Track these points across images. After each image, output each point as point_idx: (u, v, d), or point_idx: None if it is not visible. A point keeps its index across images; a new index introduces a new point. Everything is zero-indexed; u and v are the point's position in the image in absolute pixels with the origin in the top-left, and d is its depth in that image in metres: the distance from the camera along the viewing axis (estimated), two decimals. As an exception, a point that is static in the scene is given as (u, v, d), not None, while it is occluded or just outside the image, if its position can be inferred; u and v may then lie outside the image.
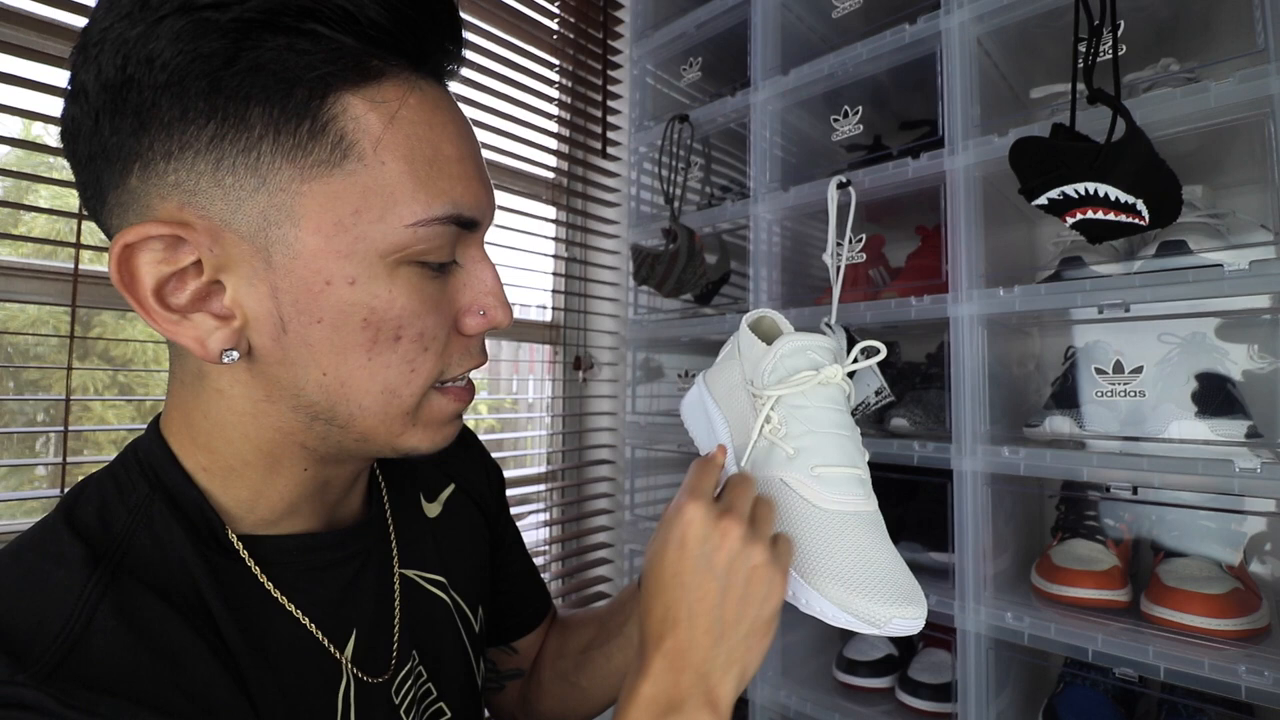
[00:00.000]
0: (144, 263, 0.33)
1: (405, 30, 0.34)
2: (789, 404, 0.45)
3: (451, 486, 0.56)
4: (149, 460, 0.38)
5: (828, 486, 0.44)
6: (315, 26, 0.32)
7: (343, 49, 0.33)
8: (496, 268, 0.42)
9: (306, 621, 0.39)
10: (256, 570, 0.38)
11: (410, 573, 0.48)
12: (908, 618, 0.40)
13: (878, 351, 0.46)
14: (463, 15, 0.38)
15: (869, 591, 0.41)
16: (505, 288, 0.42)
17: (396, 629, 0.44)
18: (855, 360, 0.46)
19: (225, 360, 0.35)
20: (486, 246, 0.41)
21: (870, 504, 0.45)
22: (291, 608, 0.39)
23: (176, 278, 0.34)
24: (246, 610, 0.37)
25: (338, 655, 0.40)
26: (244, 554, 0.38)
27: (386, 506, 0.48)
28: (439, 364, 0.39)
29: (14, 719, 0.28)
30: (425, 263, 0.36)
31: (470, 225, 0.38)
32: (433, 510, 0.53)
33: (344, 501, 0.44)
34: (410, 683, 0.44)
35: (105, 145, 0.33)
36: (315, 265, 0.34)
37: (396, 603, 0.45)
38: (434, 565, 0.50)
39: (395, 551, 0.47)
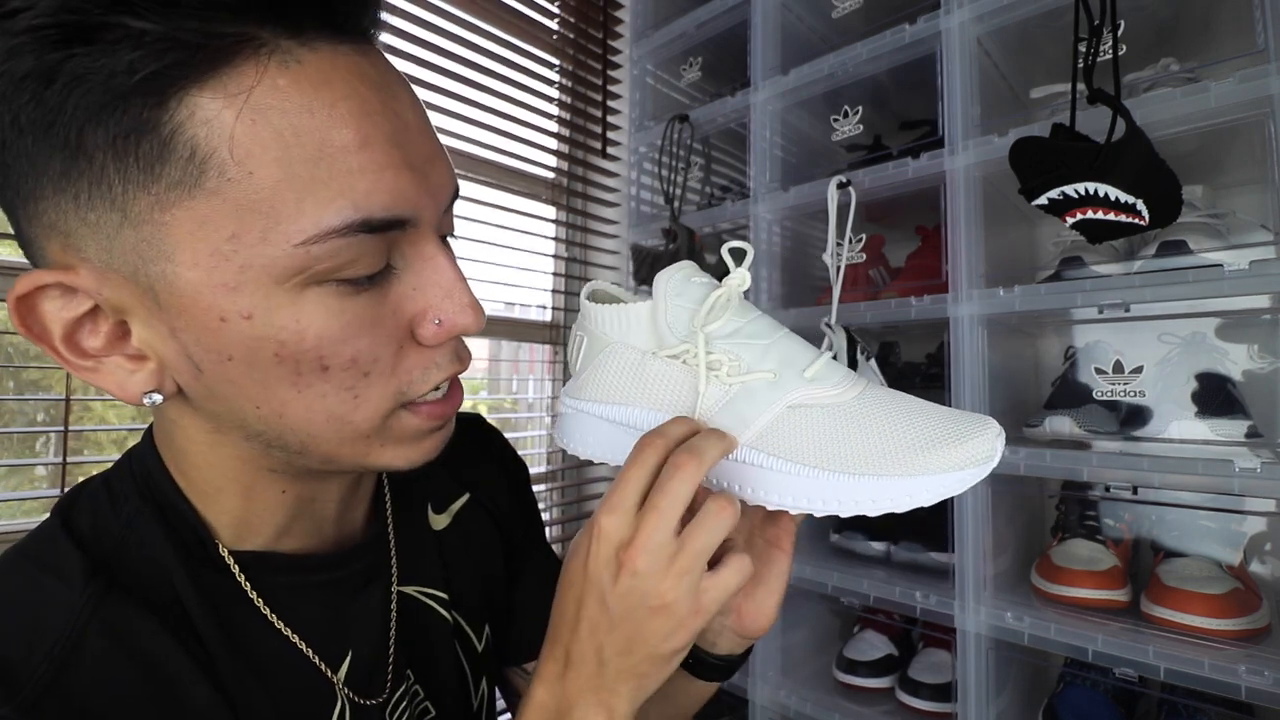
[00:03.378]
0: (47, 311, 0.30)
1: None
2: (721, 336, 0.38)
3: (465, 497, 0.52)
4: (142, 470, 0.37)
5: (826, 383, 0.37)
6: (125, 20, 0.25)
7: (169, 36, 0.25)
8: (456, 261, 0.34)
9: (298, 641, 0.37)
10: (247, 587, 0.36)
11: (410, 590, 0.45)
12: (1000, 434, 0.36)
13: (744, 253, 0.39)
14: (463, 16, 0.35)
15: (960, 435, 0.35)
16: (471, 283, 0.35)
17: (392, 648, 0.42)
18: (738, 257, 0.39)
19: (147, 402, 0.31)
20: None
21: (863, 379, 0.39)
22: (283, 627, 0.37)
23: (88, 320, 0.30)
24: (235, 629, 0.35)
25: (331, 677, 0.38)
26: (235, 570, 0.36)
27: (389, 521, 0.46)
28: (391, 385, 0.33)
29: None
30: (345, 279, 0.30)
31: (394, 226, 0.30)
32: (440, 522, 0.50)
33: (344, 518, 0.42)
34: (405, 703, 0.42)
35: None
36: (203, 303, 0.29)
37: (393, 621, 0.43)
38: (436, 581, 0.47)
39: (395, 568, 0.44)
